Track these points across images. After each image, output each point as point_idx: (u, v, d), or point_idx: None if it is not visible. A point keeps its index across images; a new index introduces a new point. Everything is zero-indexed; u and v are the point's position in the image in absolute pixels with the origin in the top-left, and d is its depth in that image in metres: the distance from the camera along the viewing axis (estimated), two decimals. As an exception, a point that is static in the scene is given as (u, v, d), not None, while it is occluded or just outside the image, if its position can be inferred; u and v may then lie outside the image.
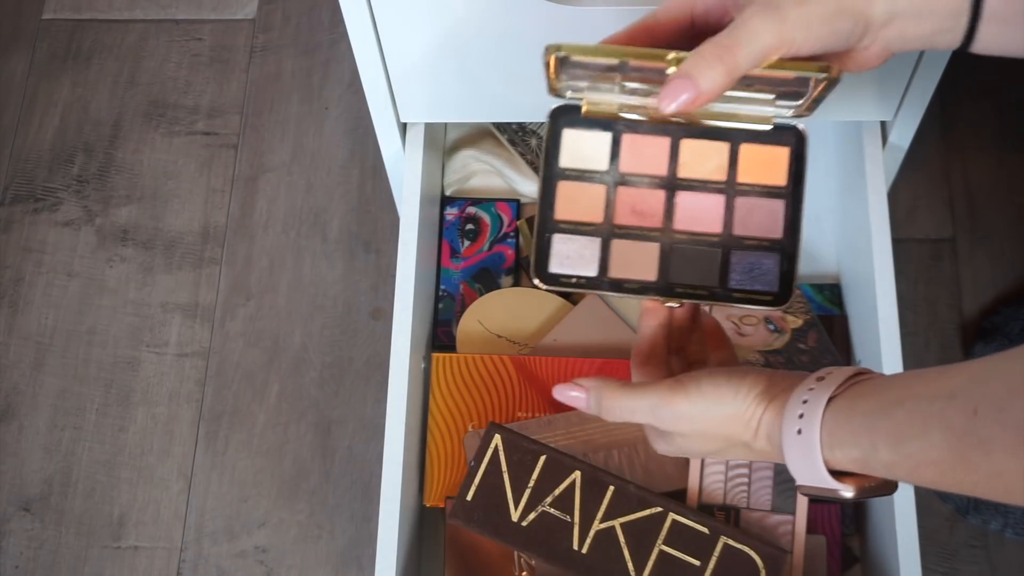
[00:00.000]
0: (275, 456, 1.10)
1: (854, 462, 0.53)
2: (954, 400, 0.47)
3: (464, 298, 1.02)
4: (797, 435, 0.54)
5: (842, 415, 0.53)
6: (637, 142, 0.63)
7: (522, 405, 0.94)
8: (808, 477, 0.55)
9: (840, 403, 0.53)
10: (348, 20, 0.80)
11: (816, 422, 0.53)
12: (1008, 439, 0.44)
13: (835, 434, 0.53)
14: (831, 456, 0.53)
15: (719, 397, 0.58)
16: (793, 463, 0.55)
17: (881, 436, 0.50)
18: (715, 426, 0.59)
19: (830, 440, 0.53)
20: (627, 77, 0.60)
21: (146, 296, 1.18)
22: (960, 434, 0.46)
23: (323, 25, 1.30)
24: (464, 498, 0.81)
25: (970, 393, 0.46)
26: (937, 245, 1.13)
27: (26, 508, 1.09)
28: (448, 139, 1.09)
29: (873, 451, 0.51)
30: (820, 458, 0.53)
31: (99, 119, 1.27)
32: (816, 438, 0.53)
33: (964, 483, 0.47)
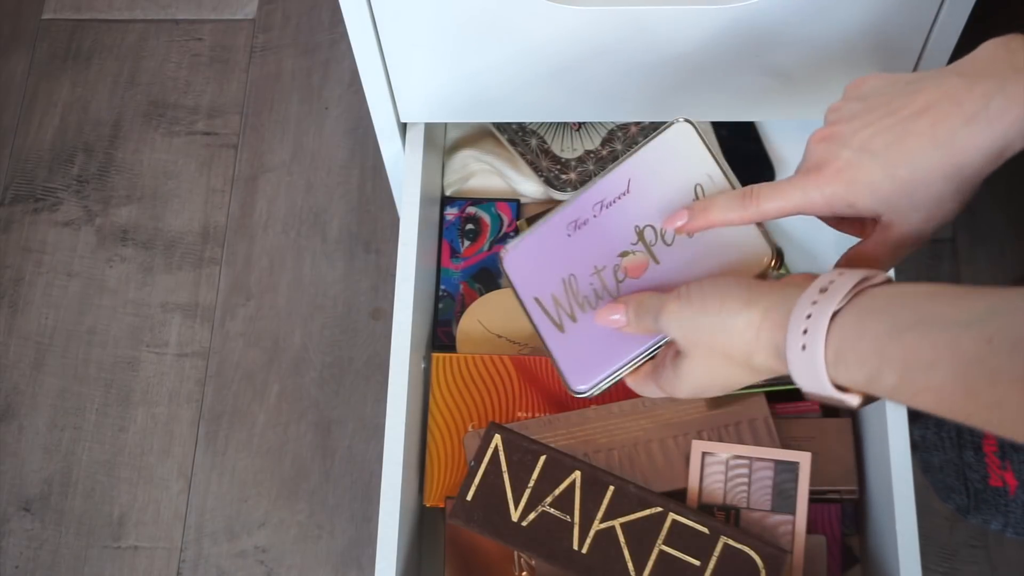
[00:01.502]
0: (275, 456, 1.10)
1: (857, 383, 0.52)
2: (969, 328, 0.46)
3: (464, 298, 1.02)
4: (801, 351, 0.53)
5: (850, 334, 0.52)
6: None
7: (522, 405, 0.94)
8: (814, 389, 0.54)
9: (848, 320, 0.52)
10: (348, 20, 0.80)
11: (820, 339, 0.53)
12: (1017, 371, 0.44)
13: (842, 354, 0.52)
14: (835, 373, 0.53)
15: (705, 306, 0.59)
16: (798, 377, 0.55)
17: (889, 361, 0.50)
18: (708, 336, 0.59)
19: (836, 359, 0.52)
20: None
21: (146, 296, 1.18)
22: (969, 362, 0.46)
23: (323, 25, 1.30)
24: (464, 498, 0.81)
25: (987, 322, 0.46)
26: (937, 245, 1.13)
27: (26, 508, 1.09)
28: (448, 139, 1.09)
29: (878, 375, 0.50)
30: (825, 376, 0.53)
31: (99, 119, 1.27)
32: (820, 355, 0.53)
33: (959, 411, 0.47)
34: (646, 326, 0.65)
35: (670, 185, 0.68)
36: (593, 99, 0.89)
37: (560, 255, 0.70)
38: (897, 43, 0.82)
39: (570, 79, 0.85)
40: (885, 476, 0.84)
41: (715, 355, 0.60)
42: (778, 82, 0.86)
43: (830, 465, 0.92)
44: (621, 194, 0.69)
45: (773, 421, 0.89)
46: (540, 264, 0.70)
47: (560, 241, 0.70)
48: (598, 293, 0.69)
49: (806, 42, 0.81)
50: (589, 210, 0.70)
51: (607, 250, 0.69)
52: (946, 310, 0.48)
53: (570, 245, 0.70)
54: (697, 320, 0.60)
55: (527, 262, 0.71)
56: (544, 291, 0.70)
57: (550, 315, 0.70)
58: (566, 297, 0.69)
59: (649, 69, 0.84)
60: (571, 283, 0.69)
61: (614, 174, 0.69)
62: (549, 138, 1.05)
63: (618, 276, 0.69)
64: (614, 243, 0.69)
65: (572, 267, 0.69)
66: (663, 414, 0.89)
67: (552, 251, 0.70)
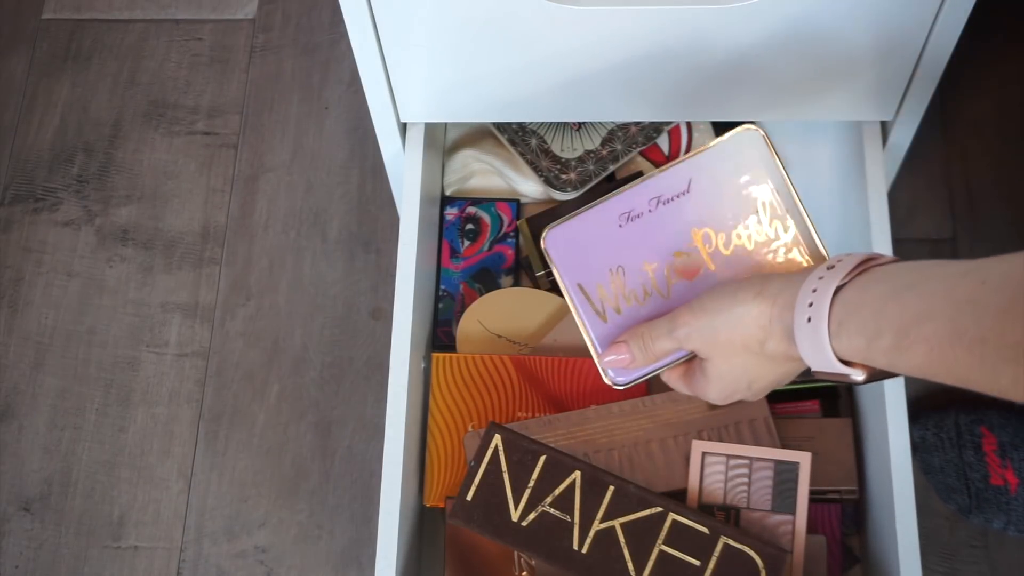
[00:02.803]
0: (275, 456, 1.10)
1: (858, 350, 0.53)
2: (966, 276, 0.47)
3: (464, 298, 1.02)
4: (807, 323, 0.55)
5: (852, 304, 0.53)
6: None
7: (522, 405, 0.94)
8: (820, 363, 0.56)
9: (850, 291, 0.54)
10: (348, 20, 0.80)
11: (824, 310, 0.54)
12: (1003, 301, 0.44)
13: (844, 323, 0.53)
14: (838, 344, 0.54)
15: (718, 308, 0.61)
16: (804, 351, 0.56)
17: (887, 320, 0.50)
18: (725, 334, 0.61)
19: (838, 329, 0.53)
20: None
21: (146, 296, 1.18)
22: (961, 304, 0.46)
23: (323, 25, 1.30)
24: (464, 498, 0.81)
25: (983, 269, 0.47)
26: (937, 245, 1.13)
27: (26, 508, 1.09)
28: (448, 139, 1.09)
29: (876, 337, 0.51)
30: (828, 346, 0.54)
31: (99, 119, 1.27)
32: (824, 326, 0.54)
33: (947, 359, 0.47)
34: (661, 350, 0.65)
35: (734, 192, 0.67)
36: (593, 99, 0.89)
37: (609, 244, 0.68)
38: (897, 43, 0.82)
39: (570, 79, 0.85)
40: (885, 476, 0.84)
41: (735, 351, 0.61)
42: (778, 82, 0.86)
43: (830, 465, 0.92)
44: (680, 193, 0.68)
45: (773, 421, 0.89)
46: (586, 250, 0.69)
47: (610, 230, 0.68)
48: (647, 290, 0.68)
49: (806, 42, 0.81)
50: (645, 204, 0.68)
51: (661, 248, 0.68)
52: (946, 268, 0.49)
53: (621, 236, 0.68)
54: (713, 323, 0.61)
55: (572, 246, 0.69)
56: (589, 278, 0.68)
57: (593, 303, 0.68)
58: (612, 288, 0.68)
59: (650, 69, 0.84)
60: (619, 275, 0.68)
61: (674, 171, 0.68)
62: (549, 138, 1.05)
63: (670, 277, 0.68)
64: (669, 241, 0.68)
65: (621, 259, 0.68)
66: (663, 414, 0.89)
67: (600, 239, 0.68)
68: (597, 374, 0.93)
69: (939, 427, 1.01)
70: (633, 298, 0.68)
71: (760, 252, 0.67)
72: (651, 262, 0.68)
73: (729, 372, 0.63)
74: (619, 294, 0.68)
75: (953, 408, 1.01)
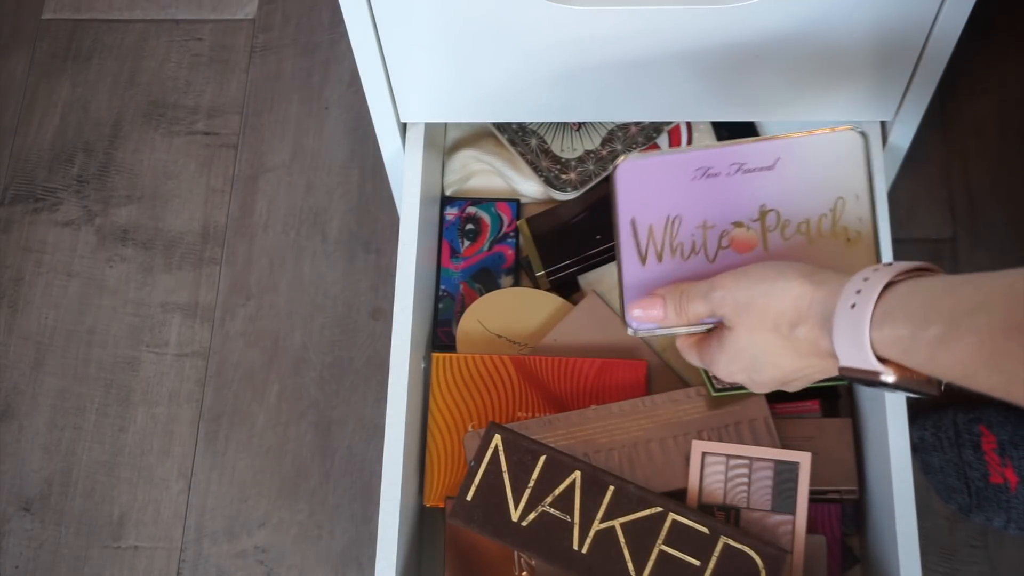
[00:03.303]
0: (275, 456, 1.10)
1: (899, 341, 0.52)
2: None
3: (464, 298, 1.02)
4: (850, 309, 0.54)
5: (903, 295, 0.53)
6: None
7: (522, 405, 0.94)
8: (852, 357, 0.55)
9: (903, 286, 0.54)
10: (348, 20, 0.80)
11: (872, 298, 0.53)
12: None
13: (890, 312, 0.53)
14: (879, 335, 0.53)
15: (763, 276, 0.60)
16: (840, 338, 0.55)
17: (938, 311, 0.50)
18: (760, 304, 0.60)
19: (882, 317, 0.53)
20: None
21: (146, 296, 1.18)
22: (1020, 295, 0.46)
23: (323, 25, 1.30)
24: (464, 498, 0.81)
25: None
26: (937, 245, 1.13)
27: (26, 508, 1.09)
28: (448, 139, 1.09)
29: (924, 327, 0.50)
30: (867, 335, 0.53)
31: (99, 119, 1.27)
32: (868, 312, 0.53)
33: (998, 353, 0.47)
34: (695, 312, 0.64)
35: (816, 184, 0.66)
36: (593, 99, 0.89)
37: (676, 192, 0.67)
38: (897, 42, 0.82)
39: (570, 79, 0.85)
40: (885, 476, 0.84)
41: (763, 326, 0.61)
42: (778, 82, 0.86)
43: (830, 465, 0.92)
44: (765, 167, 0.67)
45: (773, 421, 0.89)
46: (651, 190, 0.68)
47: (682, 179, 0.67)
48: (695, 247, 0.67)
49: (806, 42, 0.81)
50: (725, 166, 0.67)
51: (725, 212, 0.67)
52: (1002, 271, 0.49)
53: (691, 188, 0.67)
54: (752, 289, 0.61)
55: (639, 182, 0.68)
56: (644, 217, 0.67)
57: (639, 243, 0.68)
58: (663, 234, 0.67)
59: (649, 69, 0.84)
60: (674, 224, 0.67)
61: (766, 145, 0.67)
62: (549, 138, 1.05)
63: (722, 242, 0.66)
64: (735, 209, 0.67)
65: (682, 209, 0.67)
66: (663, 414, 0.89)
67: (669, 184, 0.67)
68: (597, 374, 0.94)
69: (937, 427, 1.01)
70: (679, 251, 0.67)
71: (818, 251, 0.66)
72: (710, 223, 0.67)
73: (747, 348, 0.63)
74: (667, 243, 0.67)
75: (951, 407, 1.01)
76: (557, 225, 1.01)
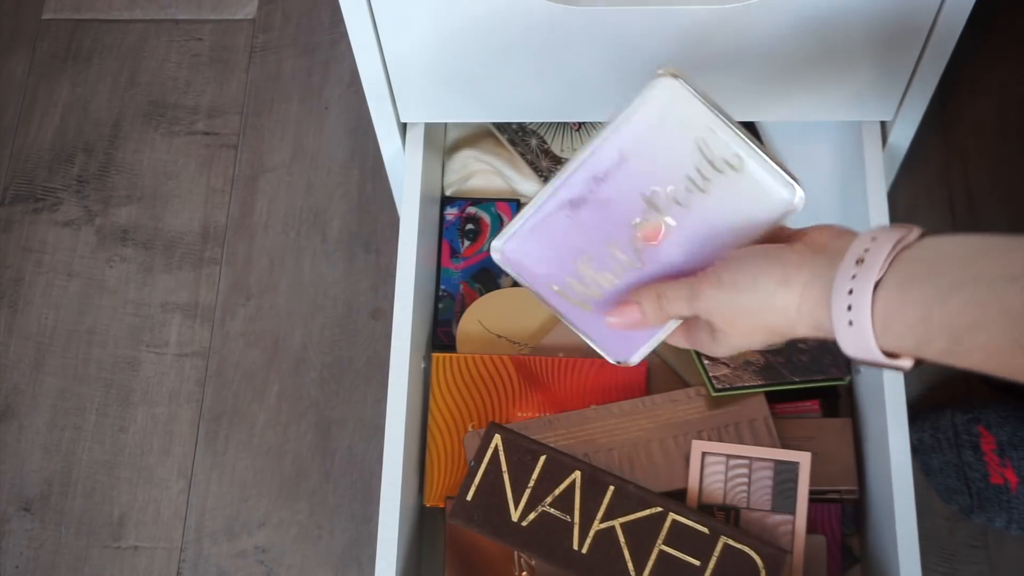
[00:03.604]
0: (275, 456, 1.10)
1: (907, 350, 0.52)
2: (1015, 282, 0.46)
3: (464, 298, 1.02)
4: (849, 326, 0.53)
5: (894, 303, 0.52)
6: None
7: (522, 405, 0.94)
8: (863, 357, 0.54)
9: (890, 289, 0.52)
10: (348, 20, 0.80)
11: (866, 312, 0.52)
12: None
13: (888, 324, 0.52)
14: (884, 342, 0.53)
15: (738, 284, 0.59)
16: (848, 348, 0.55)
17: (936, 327, 0.49)
18: (747, 318, 0.60)
19: (883, 330, 0.52)
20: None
21: (146, 296, 1.18)
22: (1017, 317, 0.46)
23: (323, 25, 1.30)
24: (464, 498, 0.81)
25: None
26: (937, 245, 1.13)
27: (26, 508, 1.09)
28: (448, 139, 1.09)
29: (927, 341, 0.50)
30: (875, 346, 0.53)
31: (99, 119, 1.27)
32: (868, 328, 0.53)
33: (1008, 366, 0.47)
34: (677, 312, 0.64)
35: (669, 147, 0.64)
36: (593, 99, 0.89)
37: (566, 239, 0.67)
38: (897, 42, 0.82)
39: (570, 79, 0.85)
40: (885, 476, 0.84)
41: (756, 332, 0.61)
42: (778, 82, 0.86)
43: (830, 465, 0.91)
44: (615, 165, 0.65)
45: (773, 421, 0.89)
46: (546, 253, 0.67)
47: (561, 226, 0.67)
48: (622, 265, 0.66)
49: (806, 42, 0.81)
50: (585, 188, 0.66)
51: (618, 223, 0.66)
52: (990, 267, 0.48)
53: (574, 227, 0.66)
54: (735, 302, 0.60)
55: (529, 254, 0.68)
56: (559, 278, 0.67)
57: (573, 299, 0.67)
58: (585, 278, 0.67)
59: (649, 69, 0.84)
60: (587, 263, 0.66)
61: (601, 148, 0.65)
62: (549, 138, 1.05)
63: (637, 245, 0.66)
64: (623, 215, 0.66)
65: (584, 248, 0.66)
66: (663, 414, 0.89)
67: (555, 237, 0.67)
68: (597, 374, 0.94)
69: (936, 428, 1.01)
70: (611, 279, 0.66)
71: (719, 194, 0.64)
72: (613, 239, 0.66)
73: (742, 346, 0.63)
74: (594, 281, 0.67)
75: (949, 408, 1.01)
76: (557, 225, 1.01)
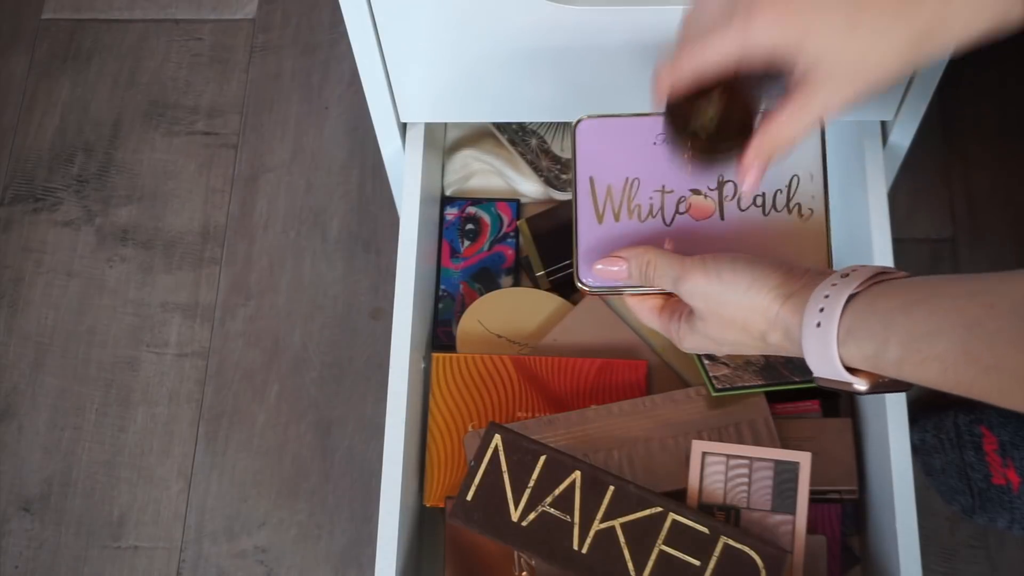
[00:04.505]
0: (275, 456, 1.10)
1: (866, 359, 0.53)
2: (974, 298, 0.48)
3: (464, 298, 1.02)
4: (816, 328, 0.55)
5: (862, 312, 0.53)
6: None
7: (522, 405, 0.94)
8: (824, 370, 0.56)
9: (862, 300, 0.54)
10: (348, 20, 0.80)
11: (835, 316, 0.54)
12: (1016, 331, 0.45)
13: (853, 330, 0.53)
14: (845, 352, 0.54)
15: (736, 282, 0.60)
16: (810, 355, 0.56)
17: (896, 333, 0.51)
18: (730, 311, 0.61)
19: (846, 336, 0.54)
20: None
21: (146, 296, 1.18)
22: (971, 327, 0.47)
23: (323, 25, 1.30)
24: (464, 498, 0.81)
25: (991, 291, 0.47)
26: (937, 245, 1.13)
27: (26, 508, 1.09)
28: (448, 139, 1.09)
29: (884, 348, 0.51)
30: (836, 352, 0.54)
31: (99, 119, 1.27)
32: (833, 332, 0.54)
33: (962, 379, 0.48)
34: (659, 285, 0.65)
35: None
36: (593, 99, 0.89)
37: (635, 154, 0.68)
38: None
39: (570, 79, 0.85)
40: (885, 476, 0.84)
41: (733, 326, 0.62)
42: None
43: (830, 465, 0.92)
44: None
45: (773, 421, 0.89)
46: (611, 150, 0.69)
47: (643, 142, 0.68)
48: (652, 210, 0.68)
49: (806, 42, 0.81)
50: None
51: (684, 179, 0.68)
52: (955, 286, 0.50)
53: (650, 152, 0.68)
54: (723, 296, 0.61)
55: (599, 141, 0.69)
56: (602, 176, 0.68)
57: (596, 201, 0.69)
58: (621, 194, 0.68)
59: (649, 69, 0.84)
60: (632, 185, 0.68)
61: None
62: (549, 138, 1.05)
63: (680, 208, 0.67)
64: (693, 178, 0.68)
65: (641, 172, 0.68)
66: (663, 414, 0.89)
67: (629, 146, 0.68)
68: (597, 374, 0.94)
69: (938, 428, 1.01)
70: (637, 213, 0.68)
71: (771, 225, 0.67)
72: (668, 187, 0.68)
73: (716, 337, 0.64)
74: (625, 203, 0.68)
75: (951, 408, 1.01)
76: (557, 225, 1.01)
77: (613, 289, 0.67)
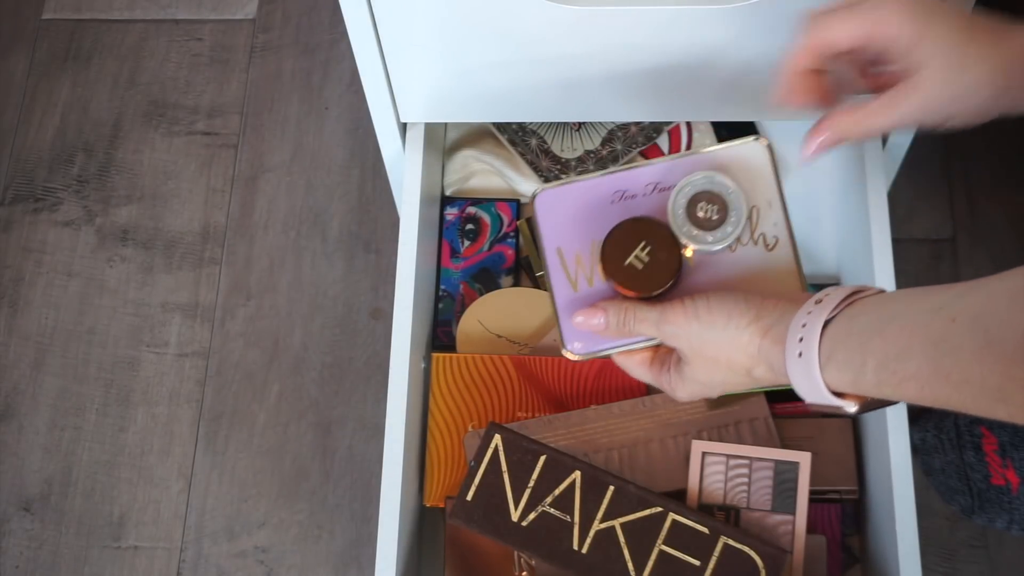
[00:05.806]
0: (275, 456, 1.10)
1: (847, 384, 0.53)
2: (938, 312, 0.48)
3: (464, 298, 1.02)
4: (798, 358, 0.55)
5: (839, 336, 0.54)
6: None
7: (522, 405, 0.94)
8: (813, 397, 0.56)
9: (838, 324, 0.54)
10: (348, 20, 0.80)
11: (814, 345, 0.54)
12: (976, 345, 0.45)
13: (833, 356, 0.54)
14: (828, 377, 0.54)
15: (712, 321, 0.61)
16: (797, 385, 0.56)
17: (872, 354, 0.51)
18: (712, 349, 0.61)
19: (827, 362, 0.54)
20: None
21: (146, 296, 1.18)
22: (936, 344, 0.47)
23: (323, 25, 1.30)
24: (464, 498, 0.81)
25: (953, 305, 0.47)
26: (937, 245, 1.13)
27: (26, 508, 1.09)
28: (448, 139, 1.09)
29: (863, 371, 0.51)
30: (820, 380, 0.54)
31: (99, 119, 1.27)
32: (815, 360, 0.54)
33: (940, 396, 0.48)
34: (640, 332, 0.65)
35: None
36: (593, 99, 0.89)
37: (597, 217, 0.69)
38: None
39: (570, 79, 0.85)
40: (885, 476, 0.84)
41: (719, 366, 0.62)
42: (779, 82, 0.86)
43: (830, 465, 0.92)
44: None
45: (773, 421, 0.89)
46: (573, 218, 0.69)
47: (601, 204, 0.69)
48: None
49: (806, 42, 0.81)
50: (642, 187, 0.69)
51: None
52: (923, 300, 0.50)
53: (610, 212, 0.68)
54: (704, 335, 0.61)
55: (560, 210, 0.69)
56: (569, 245, 0.69)
57: (568, 271, 0.69)
58: (590, 258, 0.68)
59: (649, 69, 0.84)
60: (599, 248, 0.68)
61: (679, 163, 0.68)
62: (549, 138, 1.05)
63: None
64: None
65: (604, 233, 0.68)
66: (663, 414, 0.89)
67: (590, 210, 0.69)
68: (597, 374, 0.93)
69: (939, 428, 1.01)
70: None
71: (740, 258, 0.67)
72: None
73: (705, 380, 0.64)
74: (596, 267, 0.68)
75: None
76: (557, 225, 1.01)
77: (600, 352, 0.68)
